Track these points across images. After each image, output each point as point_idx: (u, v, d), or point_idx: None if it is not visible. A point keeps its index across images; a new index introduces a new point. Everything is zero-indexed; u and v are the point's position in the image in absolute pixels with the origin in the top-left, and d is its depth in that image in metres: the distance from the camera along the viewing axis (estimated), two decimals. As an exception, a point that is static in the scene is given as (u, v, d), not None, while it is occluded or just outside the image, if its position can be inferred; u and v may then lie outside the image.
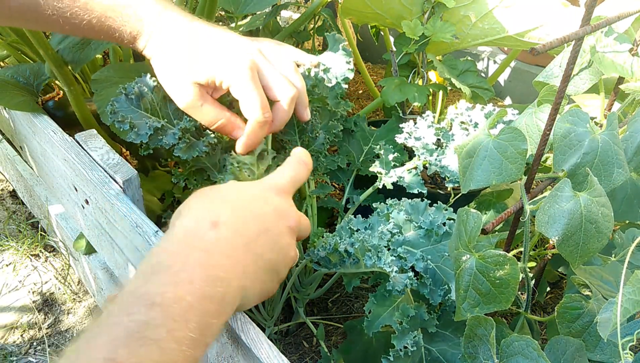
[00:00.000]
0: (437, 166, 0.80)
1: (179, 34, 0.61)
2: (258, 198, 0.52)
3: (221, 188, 0.52)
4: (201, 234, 0.45)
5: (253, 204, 0.51)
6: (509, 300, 0.52)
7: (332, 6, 1.52)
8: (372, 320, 0.67)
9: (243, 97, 0.61)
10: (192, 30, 0.62)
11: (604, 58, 0.62)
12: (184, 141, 0.68)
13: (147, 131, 0.67)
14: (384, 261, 0.63)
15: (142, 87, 0.68)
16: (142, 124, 0.67)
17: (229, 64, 0.61)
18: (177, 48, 0.61)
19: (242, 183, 0.54)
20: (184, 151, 0.67)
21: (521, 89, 1.72)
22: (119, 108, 0.67)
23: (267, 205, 0.52)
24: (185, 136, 0.68)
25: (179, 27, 0.62)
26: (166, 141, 0.67)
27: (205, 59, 0.61)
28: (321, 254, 0.68)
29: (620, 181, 0.54)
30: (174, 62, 0.61)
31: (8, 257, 1.25)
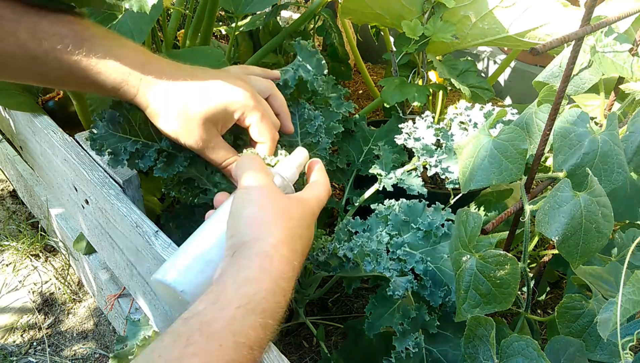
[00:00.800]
0: (437, 166, 0.80)
1: (172, 79, 0.61)
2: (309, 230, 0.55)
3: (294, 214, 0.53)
4: (288, 280, 0.48)
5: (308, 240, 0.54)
6: (510, 300, 0.52)
7: (332, 6, 1.52)
8: (372, 322, 0.67)
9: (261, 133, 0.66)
10: (185, 73, 0.62)
11: (604, 58, 0.62)
12: (161, 160, 0.68)
13: (123, 157, 0.67)
14: (384, 266, 0.62)
15: (117, 111, 0.68)
16: (119, 149, 0.67)
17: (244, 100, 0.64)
18: (176, 94, 0.61)
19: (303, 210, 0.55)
20: (163, 170, 0.68)
21: (521, 89, 1.72)
22: (97, 135, 0.67)
23: (310, 239, 0.55)
24: (162, 155, 0.68)
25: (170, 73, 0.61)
26: (142, 165, 0.68)
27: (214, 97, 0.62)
28: (320, 258, 0.68)
29: (620, 181, 0.54)
30: (176, 109, 0.61)
31: (8, 257, 1.25)
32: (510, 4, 0.92)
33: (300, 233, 0.52)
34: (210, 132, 0.63)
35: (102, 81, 0.58)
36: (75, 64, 0.57)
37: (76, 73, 0.57)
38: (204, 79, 0.63)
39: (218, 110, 0.62)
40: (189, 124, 0.61)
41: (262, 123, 0.65)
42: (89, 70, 0.57)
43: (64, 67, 0.56)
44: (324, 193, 0.60)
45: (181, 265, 0.52)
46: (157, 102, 0.60)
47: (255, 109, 0.65)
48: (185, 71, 0.63)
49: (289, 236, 0.50)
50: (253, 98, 0.65)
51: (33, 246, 1.26)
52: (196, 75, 0.63)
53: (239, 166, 0.57)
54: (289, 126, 0.73)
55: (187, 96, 0.61)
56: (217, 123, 0.63)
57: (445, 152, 0.80)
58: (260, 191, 0.53)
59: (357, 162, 0.96)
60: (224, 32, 1.59)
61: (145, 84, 0.60)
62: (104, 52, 0.57)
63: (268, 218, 0.50)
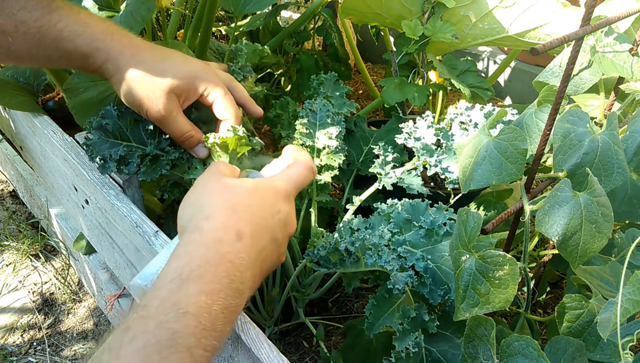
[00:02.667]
0: (437, 166, 0.80)
1: (140, 50, 0.62)
2: (271, 205, 0.53)
3: (237, 188, 0.52)
4: (228, 244, 0.46)
5: (267, 213, 0.52)
6: (509, 300, 0.52)
7: (332, 6, 1.52)
8: (372, 322, 0.67)
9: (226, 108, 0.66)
10: (152, 47, 0.64)
11: (604, 58, 0.62)
12: (145, 164, 0.70)
13: (110, 164, 0.69)
14: (385, 260, 0.63)
15: (106, 120, 0.70)
16: (108, 155, 0.69)
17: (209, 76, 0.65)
18: (144, 63, 0.62)
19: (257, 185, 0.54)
20: (146, 174, 0.70)
21: (521, 89, 1.72)
22: (91, 141, 0.70)
23: (278, 214, 0.53)
24: (145, 160, 0.70)
25: (137, 44, 0.63)
26: (127, 170, 0.69)
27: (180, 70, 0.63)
28: (321, 253, 0.69)
29: (620, 181, 0.54)
30: (143, 76, 0.62)
31: (8, 257, 1.25)
32: (510, 4, 0.92)
33: (248, 203, 0.50)
34: (173, 103, 0.64)
35: (71, 50, 0.59)
36: (45, 36, 0.58)
37: (46, 45, 0.58)
38: (171, 53, 0.65)
39: (183, 81, 0.63)
40: (153, 93, 0.62)
41: (226, 99, 0.66)
42: (58, 40, 0.58)
43: (33, 40, 0.57)
44: (299, 169, 0.58)
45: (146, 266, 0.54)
46: (124, 70, 0.61)
47: (219, 86, 0.66)
48: (152, 45, 0.65)
49: (228, 206, 0.49)
50: (217, 77, 0.66)
51: (33, 246, 1.26)
52: (163, 50, 0.65)
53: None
54: (256, 110, 0.74)
55: (154, 65, 0.62)
56: (181, 95, 0.65)
57: (445, 152, 0.80)
58: (202, 180, 0.53)
59: (357, 162, 0.96)
60: (224, 32, 1.59)
61: (114, 51, 0.61)
62: (73, 21, 0.58)
63: (203, 198, 0.50)
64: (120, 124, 0.70)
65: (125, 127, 0.70)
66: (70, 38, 0.59)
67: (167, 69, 0.63)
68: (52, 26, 0.58)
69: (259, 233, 0.50)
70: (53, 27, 0.58)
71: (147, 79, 0.62)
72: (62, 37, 0.58)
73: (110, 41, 0.61)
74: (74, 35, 0.59)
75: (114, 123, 0.70)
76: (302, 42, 1.36)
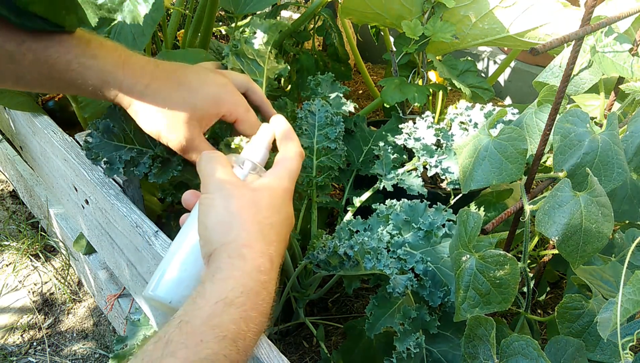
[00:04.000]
0: (437, 167, 0.80)
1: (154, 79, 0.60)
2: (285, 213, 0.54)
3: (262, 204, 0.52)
4: (266, 272, 0.47)
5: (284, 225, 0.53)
6: (509, 300, 0.52)
7: (332, 6, 1.52)
8: (373, 322, 0.67)
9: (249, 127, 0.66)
10: (167, 72, 0.61)
11: (604, 58, 0.62)
12: (156, 166, 0.69)
13: (118, 166, 0.68)
14: (384, 264, 0.63)
15: (111, 122, 0.68)
16: (114, 157, 0.68)
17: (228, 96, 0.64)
18: (159, 93, 0.60)
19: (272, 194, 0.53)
20: (157, 176, 0.68)
21: (521, 89, 1.72)
22: (92, 144, 0.68)
23: (288, 219, 0.54)
24: (156, 161, 0.69)
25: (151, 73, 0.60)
26: (137, 172, 0.68)
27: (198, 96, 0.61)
28: (321, 257, 0.68)
29: (620, 181, 0.54)
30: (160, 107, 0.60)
31: (8, 257, 1.25)
32: (510, 4, 0.92)
33: (272, 222, 0.51)
34: (194, 131, 0.62)
35: (81, 84, 0.58)
36: (53, 66, 0.56)
37: (54, 75, 0.57)
38: (185, 77, 0.62)
39: (202, 108, 0.62)
40: (173, 123, 0.61)
41: (248, 117, 0.65)
42: (67, 72, 0.57)
43: (42, 70, 0.56)
44: (295, 163, 0.57)
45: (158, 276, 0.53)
46: (139, 102, 0.60)
47: (240, 105, 0.65)
48: (166, 69, 0.62)
49: (259, 230, 0.49)
50: (236, 93, 0.65)
51: (33, 246, 1.26)
52: (177, 72, 0.62)
53: (199, 168, 0.55)
54: (272, 113, 0.72)
55: (170, 95, 0.60)
56: (202, 121, 0.63)
57: (446, 152, 0.80)
58: (222, 192, 0.51)
59: (357, 162, 0.96)
60: (224, 32, 1.59)
61: (126, 83, 0.59)
62: (82, 53, 0.56)
63: (234, 219, 0.49)
64: (125, 126, 0.69)
65: (129, 130, 0.69)
66: (79, 70, 0.57)
67: (185, 97, 0.61)
68: (61, 57, 0.56)
69: (281, 250, 0.52)
70: (62, 57, 0.56)
71: (165, 111, 0.60)
72: (71, 68, 0.56)
73: (121, 74, 0.58)
74: (83, 67, 0.57)
75: (118, 125, 0.69)
76: (302, 42, 1.36)
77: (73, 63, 0.56)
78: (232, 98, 0.64)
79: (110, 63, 0.58)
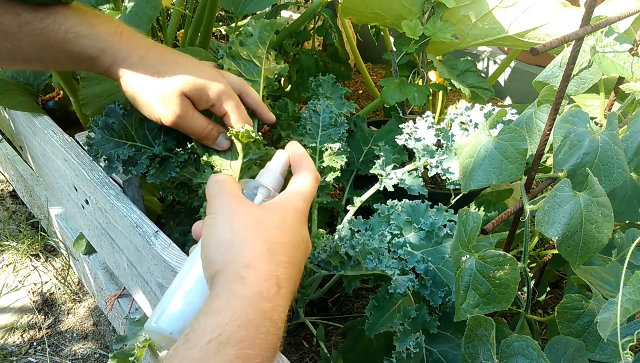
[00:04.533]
0: (438, 167, 0.80)
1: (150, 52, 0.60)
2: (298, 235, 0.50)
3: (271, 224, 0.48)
4: (270, 299, 0.43)
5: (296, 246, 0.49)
6: (509, 300, 0.52)
7: (332, 6, 1.52)
8: (373, 322, 0.67)
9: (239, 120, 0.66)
10: (162, 49, 0.62)
11: (604, 58, 0.62)
12: (154, 166, 0.68)
13: (117, 164, 0.67)
14: (385, 264, 0.63)
15: (111, 118, 0.68)
16: (113, 156, 0.67)
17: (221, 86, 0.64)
18: (153, 65, 0.60)
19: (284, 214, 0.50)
20: (155, 176, 0.68)
21: (521, 89, 1.72)
22: (94, 140, 0.68)
23: (302, 243, 0.50)
24: (154, 162, 0.69)
25: (146, 46, 0.61)
26: (135, 172, 0.68)
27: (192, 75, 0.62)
28: (322, 256, 0.68)
29: (620, 181, 0.54)
30: (153, 78, 0.60)
31: (8, 257, 1.25)
32: (510, 4, 0.92)
33: (282, 241, 0.47)
34: (187, 105, 0.62)
35: (77, 52, 0.57)
36: (49, 37, 0.56)
37: (51, 46, 0.56)
38: (181, 56, 0.63)
39: (197, 86, 0.62)
40: (165, 95, 0.61)
41: (239, 111, 0.65)
42: (64, 42, 0.56)
43: (38, 42, 0.56)
44: (309, 185, 0.54)
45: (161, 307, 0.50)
46: (133, 72, 0.60)
47: (231, 97, 0.65)
48: (162, 47, 0.62)
49: (266, 249, 0.45)
50: (229, 87, 0.65)
51: (33, 246, 1.26)
52: (174, 52, 0.63)
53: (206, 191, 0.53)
54: (268, 117, 0.73)
55: (164, 68, 0.60)
56: (193, 99, 0.63)
57: (446, 152, 0.80)
58: (226, 211, 0.48)
59: (357, 162, 0.96)
60: (224, 32, 1.59)
61: (122, 53, 0.59)
62: (79, 22, 0.56)
63: (238, 236, 0.46)
64: (125, 123, 0.69)
65: (130, 127, 0.69)
66: (75, 40, 0.57)
67: (178, 72, 0.61)
68: (57, 27, 0.56)
69: (293, 275, 0.47)
70: (58, 28, 0.56)
71: (157, 82, 0.60)
72: (67, 38, 0.56)
73: (117, 43, 0.58)
74: (80, 36, 0.57)
75: (119, 122, 0.68)
76: (302, 42, 1.36)
77: (69, 33, 0.56)
78: (224, 88, 0.64)
79: (106, 32, 0.58)
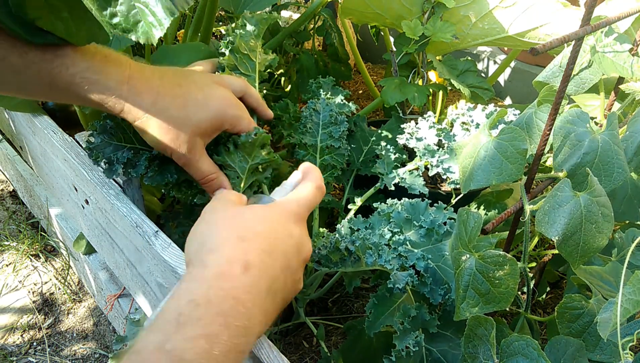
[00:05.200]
0: (438, 167, 0.80)
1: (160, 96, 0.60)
2: (283, 230, 0.50)
3: (246, 215, 0.49)
4: (233, 278, 0.43)
5: (279, 239, 0.49)
6: (509, 300, 0.52)
7: (332, 6, 1.52)
8: (373, 321, 0.67)
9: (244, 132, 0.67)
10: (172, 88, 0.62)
11: (604, 58, 0.62)
12: (152, 169, 0.69)
13: (117, 167, 0.68)
14: (385, 259, 0.63)
15: (109, 122, 0.69)
16: (113, 159, 0.68)
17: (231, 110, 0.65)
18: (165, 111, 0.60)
19: (268, 210, 0.51)
20: (152, 179, 0.69)
21: (521, 89, 1.72)
22: (93, 144, 0.69)
23: (290, 239, 0.50)
24: (153, 164, 0.69)
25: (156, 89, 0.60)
26: (135, 174, 0.69)
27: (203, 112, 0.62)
28: (322, 252, 0.69)
29: (620, 181, 0.54)
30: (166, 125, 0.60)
31: (8, 257, 1.25)
32: (510, 4, 0.92)
33: (257, 229, 0.47)
34: (197, 147, 0.63)
35: (85, 97, 0.57)
36: (57, 79, 0.55)
37: (59, 88, 0.56)
38: (190, 94, 0.62)
39: (207, 124, 0.63)
40: (177, 140, 0.62)
41: (250, 128, 0.67)
42: (71, 85, 0.56)
43: (46, 82, 0.55)
44: (307, 192, 0.55)
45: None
46: (145, 119, 0.60)
47: (242, 118, 0.66)
48: (170, 82, 0.62)
49: (236, 236, 0.46)
50: (238, 106, 0.66)
51: (33, 246, 1.26)
52: (182, 87, 0.62)
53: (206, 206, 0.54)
54: (267, 114, 0.74)
55: (177, 113, 0.61)
56: (205, 135, 0.64)
57: (447, 152, 0.80)
58: (210, 211, 0.50)
59: (357, 162, 0.96)
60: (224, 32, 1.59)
61: (131, 100, 0.59)
62: (85, 68, 0.56)
63: (210, 228, 0.47)
64: (124, 125, 0.70)
65: (128, 129, 0.70)
66: (82, 85, 0.56)
67: (190, 115, 0.61)
68: (65, 70, 0.55)
69: (270, 261, 0.46)
70: (65, 71, 0.55)
71: (170, 128, 0.61)
72: (75, 82, 0.56)
73: (126, 90, 0.58)
74: (87, 82, 0.56)
75: (117, 124, 0.69)
76: (302, 42, 1.36)
77: (77, 77, 0.56)
78: (235, 112, 0.65)
79: (114, 79, 0.57)
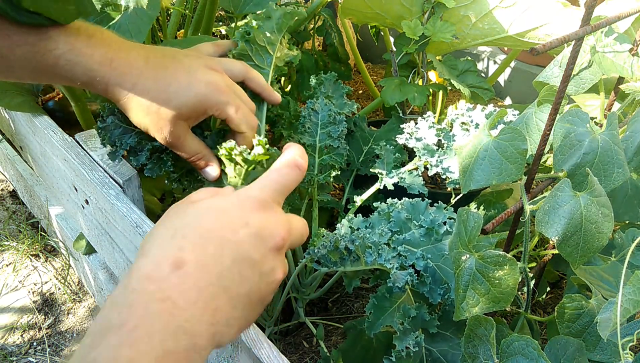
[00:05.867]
0: (438, 166, 0.80)
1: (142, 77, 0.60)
2: (235, 219, 0.44)
3: (190, 212, 0.45)
4: (159, 279, 0.38)
5: (226, 229, 0.43)
6: (508, 300, 0.52)
7: (332, 6, 1.52)
8: (373, 321, 0.67)
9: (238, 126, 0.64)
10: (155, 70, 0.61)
11: (604, 58, 0.62)
12: (152, 161, 0.69)
13: (120, 152, 0.68)
14: (385, 258, 0.63)
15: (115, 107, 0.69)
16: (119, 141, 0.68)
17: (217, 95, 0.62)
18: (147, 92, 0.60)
19: (217, 200, 0.46)
20: (151, 170, 0.69)
21: (521, 89, 1.72)
22: (105, 124, 0.69)
23: (246, 227, 0.44)
24: (153, 156, 0.69)
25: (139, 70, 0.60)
26: (135, 164, 0.69)
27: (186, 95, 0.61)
28: (322, 252, 0.68)
29: (620, 181, 0.54)
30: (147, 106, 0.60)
31: (8, 257, 1.25)
32: (510, 4, 0.92)
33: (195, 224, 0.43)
34: (180, 129, 0.62)
35: (70, 78, 0.58)
36: (42, 61, 0.56)
37: (44, 70, 0.56)
38: (174, 76, 0.61)
39: (188, 109, 0.62)
40: (159, 122, 0.61)
41: (238, 115, 0.63)
42: (56, 67, 0.56)
43: (31, 64, 0.56)
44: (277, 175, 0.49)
45: None
46: (127, 99, 0.60)
47: (229, 104, 0.63)
48: (156, 65, 0.61)
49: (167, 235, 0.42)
50: (225, 92, 0.63)
51: (33, 246, 1.26)
52: (168, 69, 0.61)
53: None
54: (274, 98, 0.72)
55: (158, 94, 0.60)
56: (188, 120, 0.63)
57: (447, 152, 0.80)
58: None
59: (356, 162, 0.96)
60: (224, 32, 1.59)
61: (113, 81, 0.59)
62: (69, 50, 0.56)
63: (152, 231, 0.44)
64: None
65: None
66: (67, 67, 0.56)
67: (172, 97, 0.60)
68: (49, 52, 0.55)
69: (213, 254, 0.41)
70: (49, 53, 0.55)
71: (151, 109, 0.60)
72: (59, 64, 0.56)
73: (108, 71, 0.58)
74: (71, 64, 0.56)
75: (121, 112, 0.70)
76: (302, 42, 1.36)
77: (61, 59, 0.56)
78: (220, 98, 0.63)
79: (97, 61, 0.58)
